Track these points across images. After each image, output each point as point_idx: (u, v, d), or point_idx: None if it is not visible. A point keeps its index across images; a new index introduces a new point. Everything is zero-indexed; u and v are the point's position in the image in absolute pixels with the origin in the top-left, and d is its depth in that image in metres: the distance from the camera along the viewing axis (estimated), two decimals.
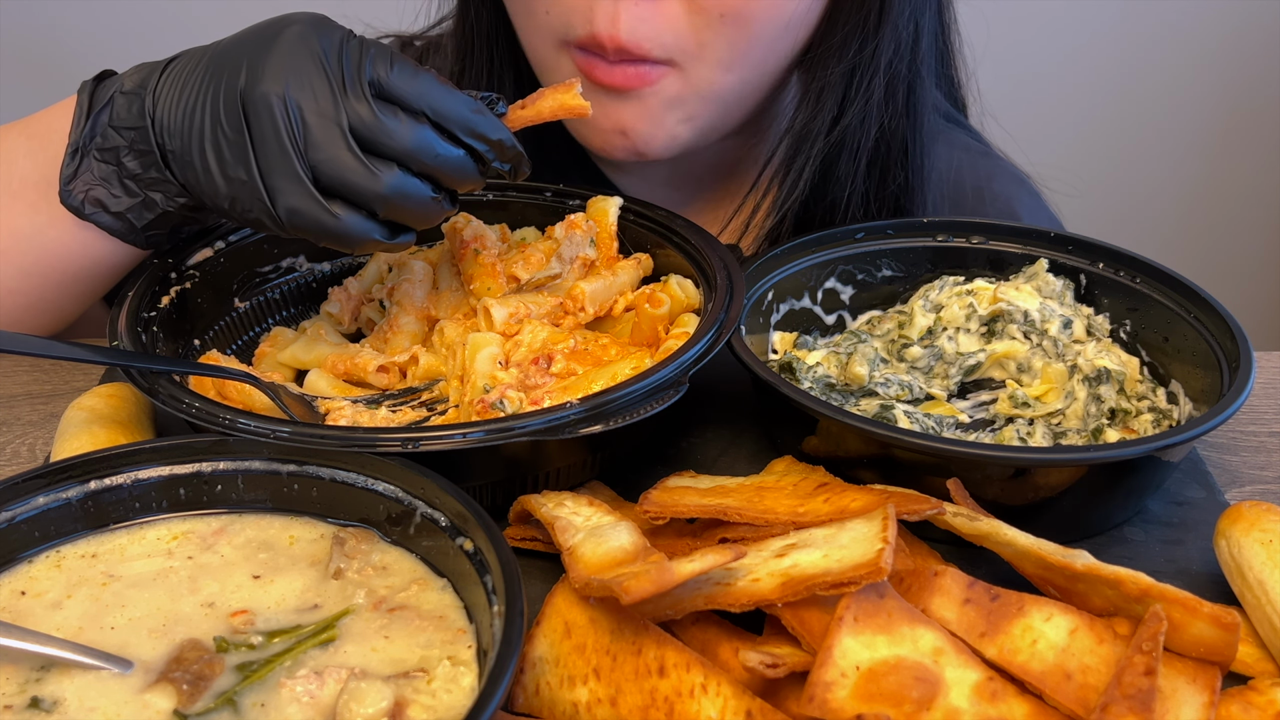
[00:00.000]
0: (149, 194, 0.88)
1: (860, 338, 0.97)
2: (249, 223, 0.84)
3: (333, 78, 0.80)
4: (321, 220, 0.80)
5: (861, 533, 0.66)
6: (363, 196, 0.80)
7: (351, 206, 0.81)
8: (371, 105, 0.80)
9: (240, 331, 1.00)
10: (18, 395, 1.00)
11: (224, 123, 0.82)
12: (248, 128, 0.81)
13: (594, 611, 0.66)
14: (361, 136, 0.80)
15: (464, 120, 0.82)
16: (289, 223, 0.81)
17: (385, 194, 0.80)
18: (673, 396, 0.78)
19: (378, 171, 0.80)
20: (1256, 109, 2.45)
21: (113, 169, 0.88)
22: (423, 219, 0.84)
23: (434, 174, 0.82)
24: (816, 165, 1.04)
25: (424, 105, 0.81)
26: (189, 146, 0.83)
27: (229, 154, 0.82)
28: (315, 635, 0.66)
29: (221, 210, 0.85)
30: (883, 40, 1.01)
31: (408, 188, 0.81)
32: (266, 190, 0.80)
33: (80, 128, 0.89)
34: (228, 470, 0.74)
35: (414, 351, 0.94)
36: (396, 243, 0.84)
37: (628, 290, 0.97)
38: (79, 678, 0.63)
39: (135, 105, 0.86)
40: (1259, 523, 0.73)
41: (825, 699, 0.60)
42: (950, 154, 1.16)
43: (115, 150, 0.87)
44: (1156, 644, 0.62)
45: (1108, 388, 0.90)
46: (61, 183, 0.89)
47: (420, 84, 0.81)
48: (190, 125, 0.83)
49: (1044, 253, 1.00)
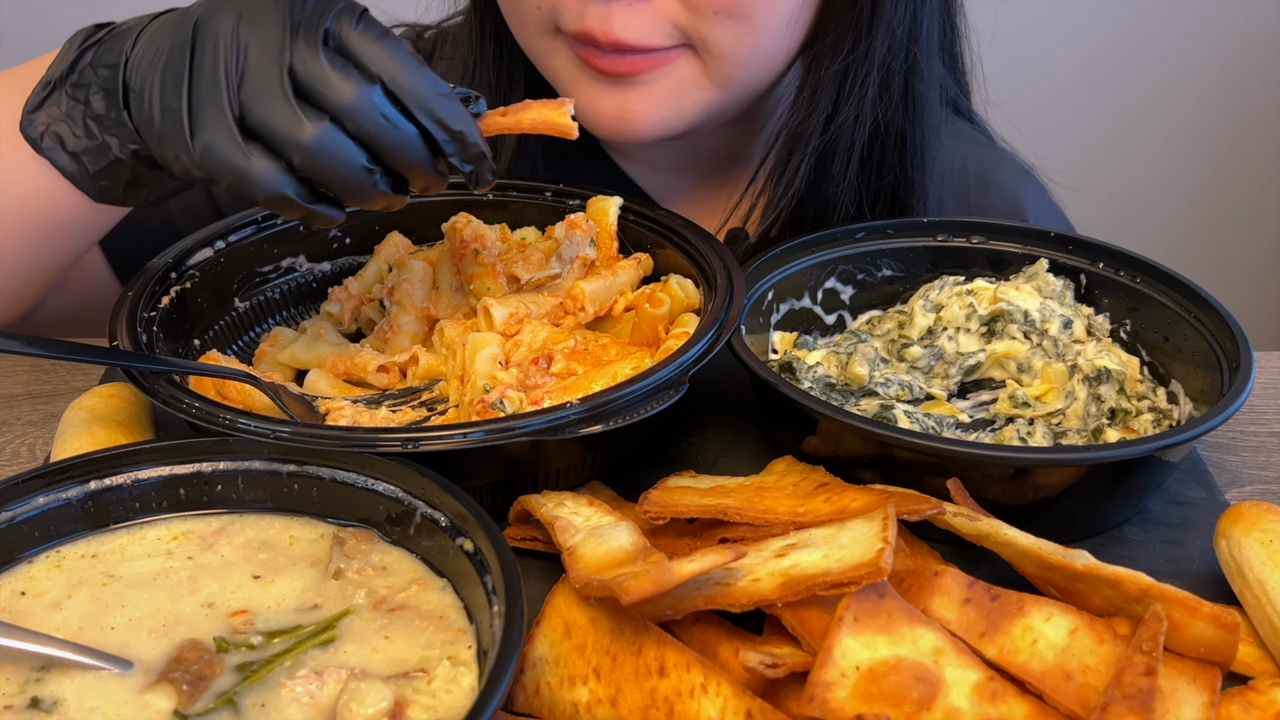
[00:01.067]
0: (106, 137, 0.84)
1: (860, 338, 0.97)
2: (171, 163, 0.79)
3: (287, 19, 0.75)
4: (233, 160, 0.75)
5: (861, 533, 0.66)
6: (283, 143, 0.74)
7: (270, 154, 0.75)
8: (319, 52, 0.74)
9: (240, 331, 1.00)
10: (18, 395, 1.00)
11: (175, 51, 0.77)
12: (191, 56, 0.76)
13: (594, 611, 0.66)
14: (300, 82, 0.74)
15: (422, 96, 0.76)
16: (200, 158, 0.76)
17: (306, 144, 0.74)
18: (673, 396, 0.78)
19: (305, 119, 0.74)
20: (1258, 109, 2.45)
21: (80, 106, 0.84)
22: (348, 187, 0.77)
23: (372, 142, 0.75)
24: (811, 163, 1.04)
25: (381, 69, 0.75)
26: (145, 81, 0.79)
27: (169, 84, 0.77)
28: (315, 635, 0.66)
29: (154, 150, 0.80)
30: (876, 39, 1.00)
31: (333, 144, 0.74)
32: (190, 124, 0.76)
33: (61, 63, 0.85)
34: (228, 470, 0.74)
35: (414, 351, 0.94)
36: (315, 209, 0.78)
37: (628, 290, 0.97)
38: (79, 678, 0.63)
39: (117, 44, 0.83)
40: (1259, 523, 0.73)
41: (825, 699, 0.60)
42: (955, 145, 1.16)
43: (87, 88, 0.84)
44: (1156, 644, 0.62)
45: (1108, 388, 0.90)
46: (24, 110, 0.85)
47: (384, 47, 0.76)
48: (153, 61, 0.79)
49: (1044, 252, 1.00)
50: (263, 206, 0.78)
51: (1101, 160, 2.43)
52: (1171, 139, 2.49)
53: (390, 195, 0.79)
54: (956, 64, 1.19)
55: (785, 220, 1.08)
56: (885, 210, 1.08)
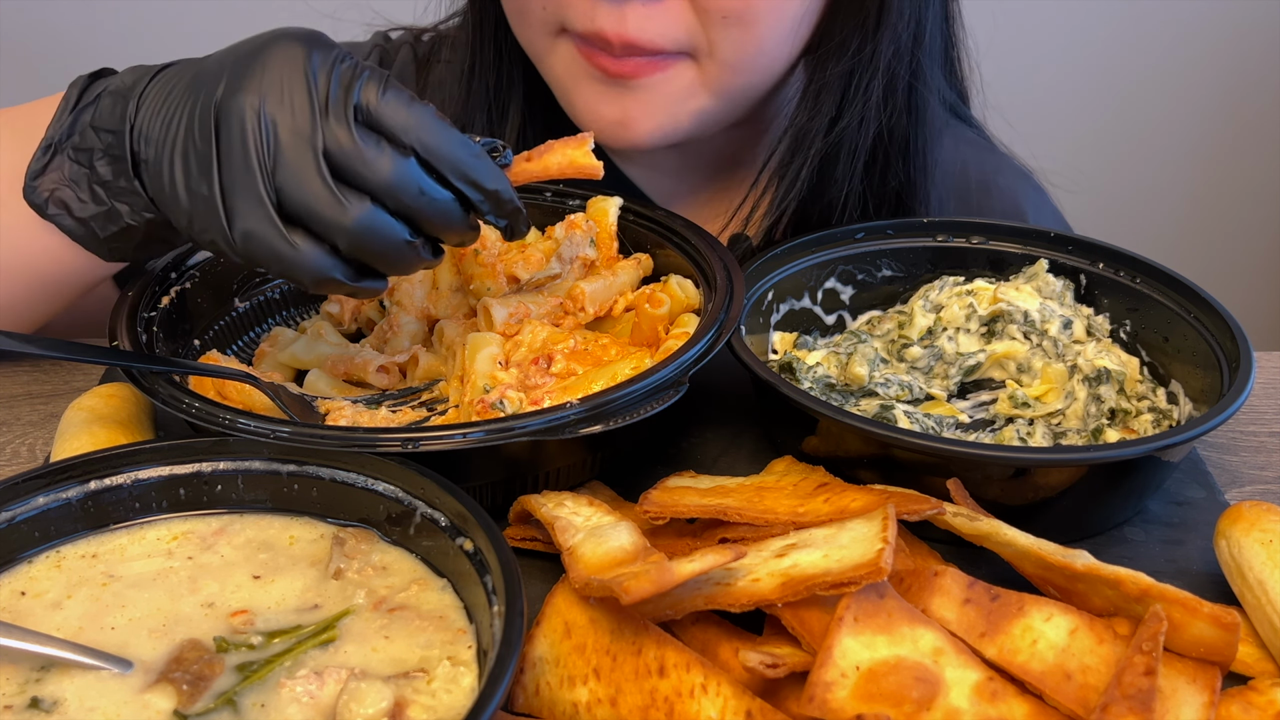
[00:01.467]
0: (115, 204, 0.82)
1: (860, 338, 0.97)
2: (205, 245, 0.78)
3: (315, 96, 0.73)
4: (277, 248, 0.74)
5: (861, 533, 0.66)
6: (326, 228, 0.74)
7: (314, 238, 0.74)
8: (351, 130, 0.73)
9: (240, 331, 1.00)
10: (18, 395, 1.00)
11: (196, 133, 0.75)
12: (216, 140, 0.74)
13: (594, 611, 0.66)
14: (336, 163, 0.73)
15: (456, 161, 0.75)
16: (243, 248, 0.75)
17: (351, 228, 0.73)
18: (673, 396, 0.78)
19: (346, 202, 0.73)
20: (1258, 109, 2.45)
21: (84, 171, 0.83)
22: (393, 263, 0.77)
23: (413, 216, 0.75)
24: (814, 166, 1.04)
25: (413, 139, 0.74)
26: (161, 156, 0.77)
27: (195, 167, 0.75)
28: (315, 635, 0.66)
29: (182, 228, 0.78)
30: (881, 42, 1.00)
31: (378, 225, 0.74)
32: (225, 210, 0.74)
33: (60, 122, 0.84)
34: (228, 470, 0.74)
35: (414, 351, 0.94)
36: (361, 286, 0.77)
37: (628, 290, 0.97)
38: (79, 678, 0.63)
39: (119, 108, 0.81)
40: (1259, 523, 0.73)
41: (825, 699, 0.60)
42: (955, 148, 1.16)
43: (90, 152, 0.82)
44: (1156, 644, 0.62)
45: (1108, 388, 0.90)
46: (27, 177, 0.84)
47: (413, 115, 0.75)
48: (165, 134, 0.77)
49: (1044, 253, 1.00)
50: (309, 291, 0.77)
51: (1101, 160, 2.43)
52: (1171, 139, 2.49)
53: (431, 259, 0.79)
54: (955, 70, 1.19)
55: (788, 223, 1.08)
56: (888, 214, 1.08)
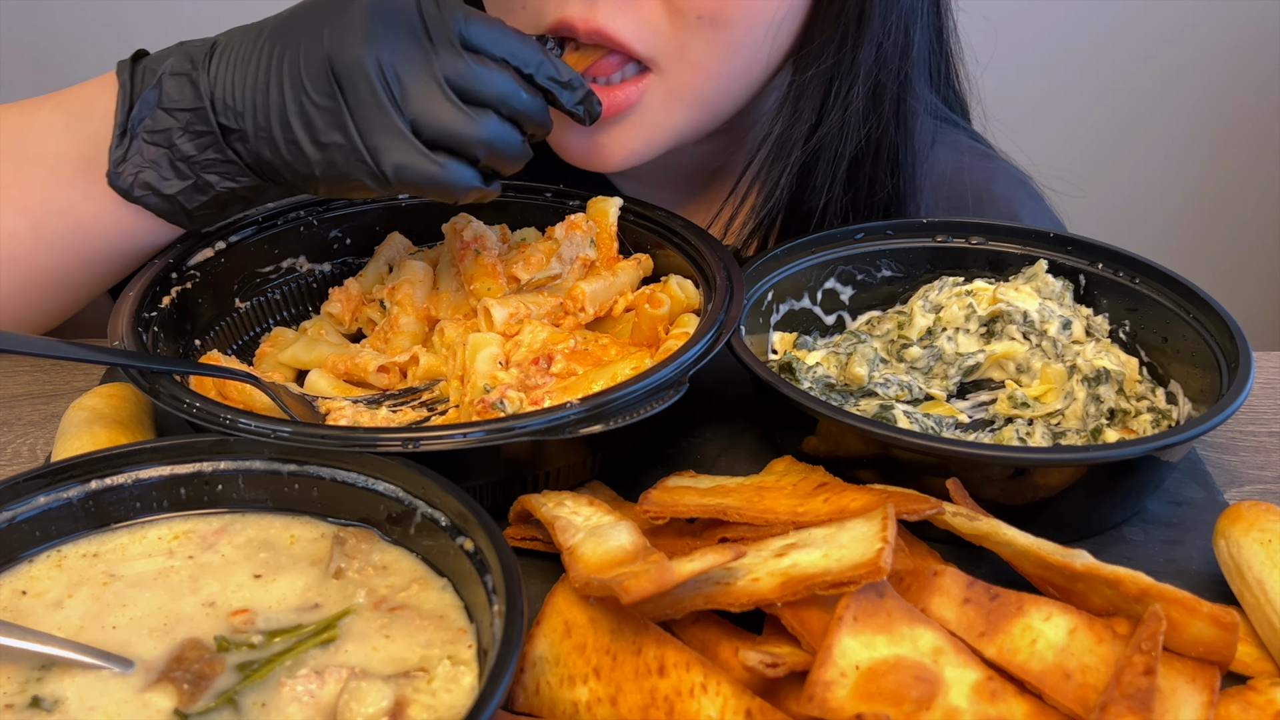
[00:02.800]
0: (203, 176, 0.88)
1: (860, 338, 0.97)
2: (342, 186, 0.86)
3: (419, 34, 0.82)
4: (429, 171, 0.83)
5: (861, 532, 0.66)
6: (465, 144, 0.83)
7: (454, 155, 0.84)
8: (463, 55, 0.83)
9: (241, 331, 1.00)
10: (18, 395, 1.00)
11: (309, 91, 0.83)
12: (341, 92, 0.82)
13: (594, 611, 0.66)
14: (456, 86, 0.82)
15: (539, 65, 0.86)
16: (396, 178, 0.83)
17: (487, 138, 0.83)
18: (673, 396, 0.78)
19: (476, 118, 0.83)
20: (1256, 110, 2.45)
21: (163, 151, 0.88)
22: (515, 163, 0.87)
23: (520, 118, 0.86)
24: (794, 173, 1.04)
25: (504, 53, 0.85)
26: (267, 122, 0.84)
27: (320, 121, 0.83)
28: (316, 635, 0.66)
29: (306, 180, 0.86)
30: (862, 48, 1.00)
31: (504, 132, 0.84)
32: (368, 150, 0.82)
33: (126, 109, 0.88)
34: (228, 470, 0.74)
35: (414, 351, 0.94)
36: (491, 189, 0.87)
37: (628, 290, 0.97)
38: (80, 677, 0.63)
39: (188, 87, 0.86)
40: (1258, 523, 0.73)
41: (825, 698, 0.61)
42: (950, 156, 1.16)
43: (167, 133, 0.87)
44: (1156, 643, 0.62)
45: (1107, 388, 0.90)
46: (111, 164, 0.89)
47: (498, 33, 0.85)
48: (265, 100, 0.84)
49: (1043, 253, 1.00)
50: (457, 202, 0.87)
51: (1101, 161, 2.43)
52: (1170, 139, 2.49)
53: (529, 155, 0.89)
54: (951, 82, 1.19)
55: (766, 231, 1.07)
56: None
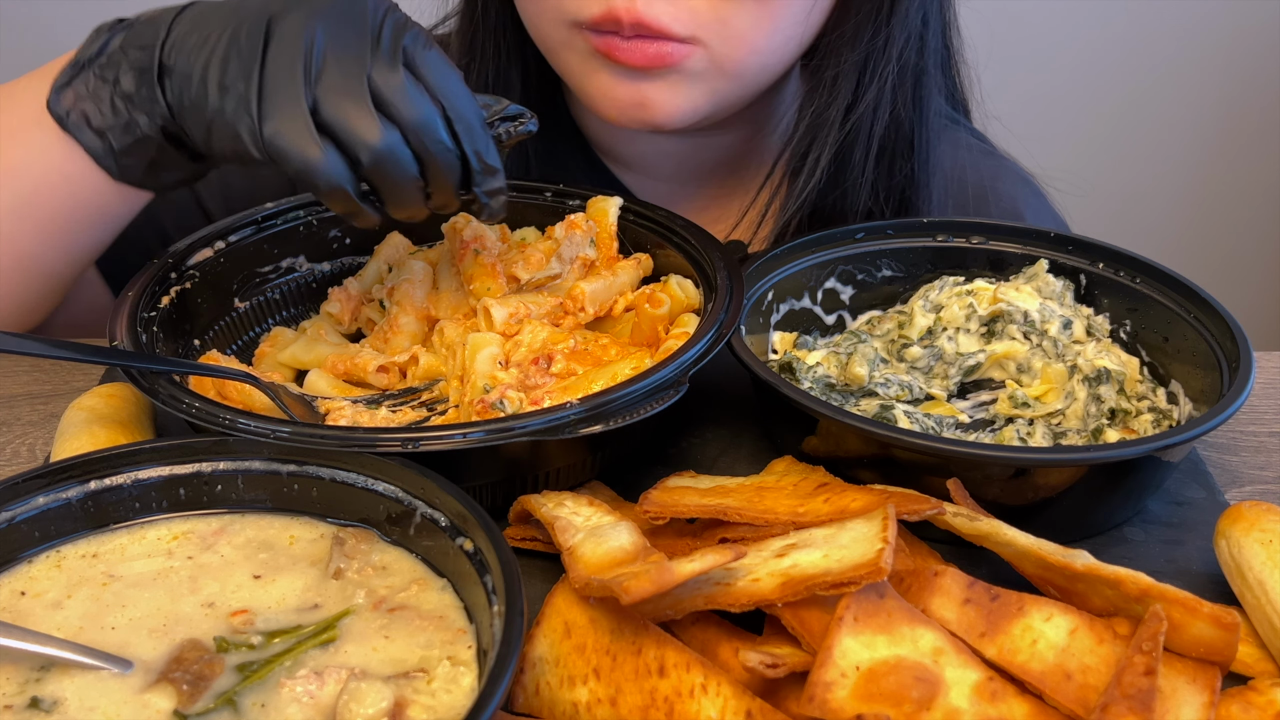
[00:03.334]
0: (134, 114, 0.87)
1: (860, 338, 0.97)
2: (222, 143, 0.83)
3: (369, 31, 0.80)
4: (304, 148, 0.79)
5: (861, 533, 0.66)
6: (355, 143, 0.79)
7: (338, 149, 0.80)
8: (400, 68, 0.80)
9: (240, 331, 1.00)
10: (18, 395, 1.00)
11: (242, 39, 0.81)
12: (265, 46, 0.80)
13: (594, 611, 0.66)
14: (378, 92, 0.80)
15: (472, 128, 0.82)
16: (268, 142, 0.80)
17: (379, 148, 0.79)
18: (673, 396, 0.78)
19: (380, 126, 0.79)
20: (1257, 109, 2.45)
21: (108, 86, 0.87)
22: (398, 194, 0.82)
23: (426, 161, 0.81)
24: (831, 154, 1.05)
25: (443, 95, 0.81)
26: (193, 61, 0.83)
27: (235, 65, 0.81)
28: (315, 635, 0.66)
29: (198, 131, 0.84)
30: (894, 29, 1.01)
31: (400, 153, 0.80)
32: (259, 107, 0.80)
33: (91, 46, 0.89)
34: (228, 470, 0.74)
35: (414, 351, 0.94)
36: (363, 206, 0.82)
37: (628, 290, 0.97)
38: (79, 678, 0.63)
39: (151, 29, 0.86)
40: (1259, 523, 0.73)
41: (825, 699, 0.60)
42: (954, 153, 1.16)
43: (116, 67, 0.87)
44: (1156, 644, 0.62)
45: (1108, 388, 0.90)
46: (52, 89, 0.89)
47: (448, 75, 0.82)
48: (203, 43, 0.83)
49: (1044, 253, 1.00)
50: (320, 196, 0.81)
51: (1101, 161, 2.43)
52: (1171, 139, 2.49)
53: (424, 208, 0.84)
54: (953, 78, 1.19)
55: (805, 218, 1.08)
56: (894, 210, 1.09)
